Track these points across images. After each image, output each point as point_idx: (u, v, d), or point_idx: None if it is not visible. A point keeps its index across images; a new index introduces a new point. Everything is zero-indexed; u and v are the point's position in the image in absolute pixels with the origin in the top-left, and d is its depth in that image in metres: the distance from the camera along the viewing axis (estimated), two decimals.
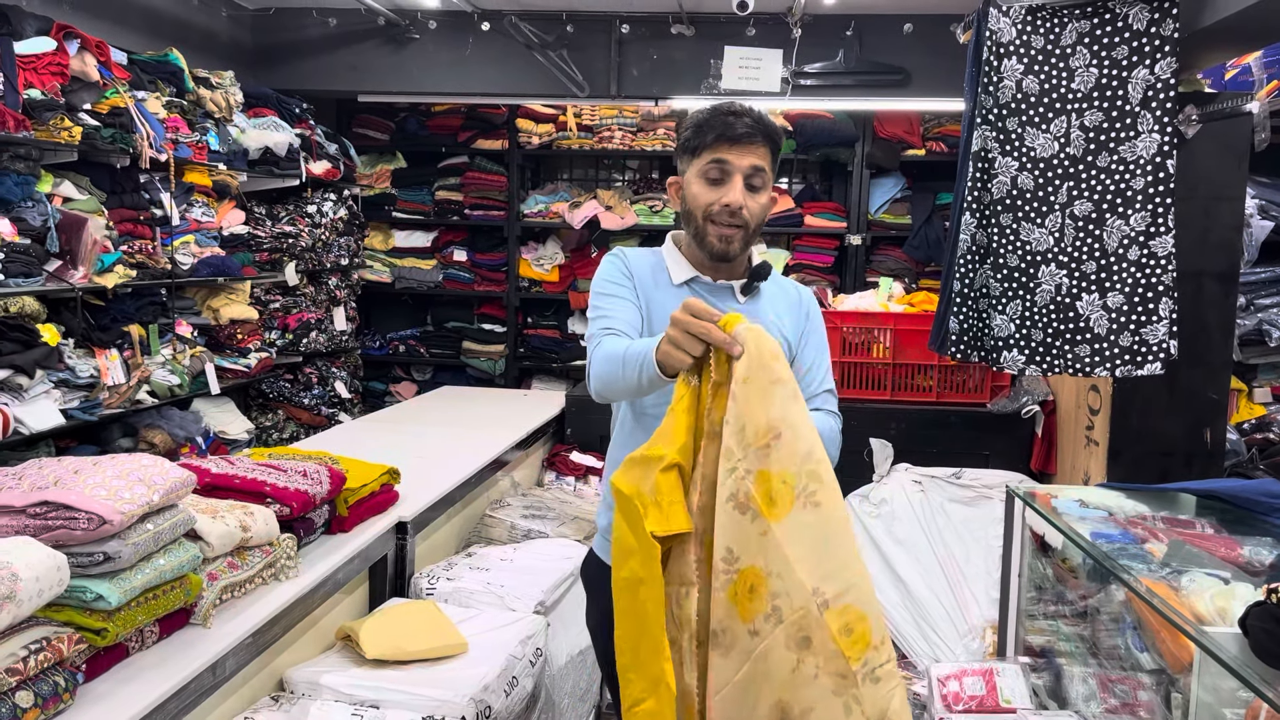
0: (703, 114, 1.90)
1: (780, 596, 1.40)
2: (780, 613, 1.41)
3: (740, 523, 1.41)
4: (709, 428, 1.46)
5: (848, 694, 1.42)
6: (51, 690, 1.51)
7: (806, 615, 1.41)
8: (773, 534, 1.40)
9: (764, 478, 1.41)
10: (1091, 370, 3.08)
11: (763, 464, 1.41)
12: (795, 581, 1.40)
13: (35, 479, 1.70)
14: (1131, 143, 3.00)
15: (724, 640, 1.42)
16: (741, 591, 1.41)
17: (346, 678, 2.10)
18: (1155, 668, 2.10)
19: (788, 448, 1.42)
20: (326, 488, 2.36)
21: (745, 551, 1.41)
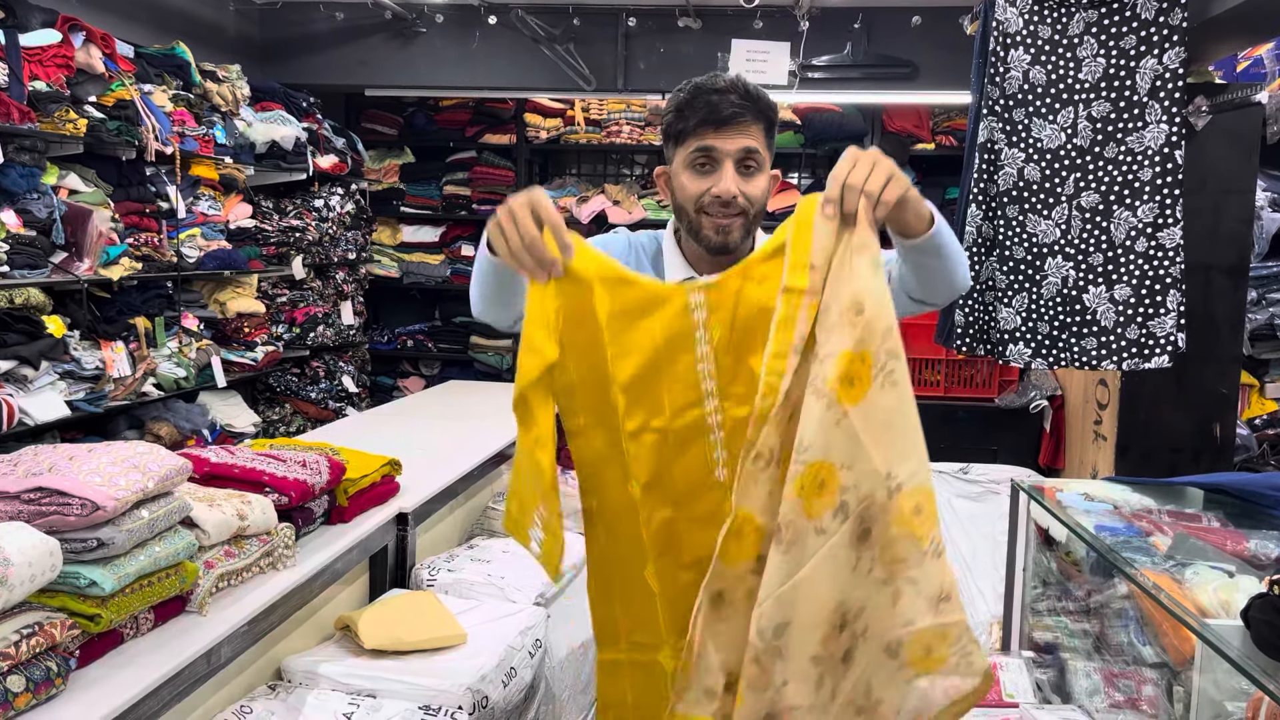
0: (684, 94, 1.68)
1: (849, 491, 1.31)
2: (847, 508, 1.32)
3: (815, 410, 1.30)
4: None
5: (901, 578, 1.36)
6: (44, 675, 1.51)
7: (871, 505, 1.32)
8: (849, 420, 1.30)
9: (844, 359, 1.29)
10: (1098, 363, 3.06)
11: (844, 344, 1.29)
12: (868, 469, 1.31)
13: (30, 465, 1.70)
14: (1139, 133, 2.97)
15: (786, 536, 1.31)
16: (809, 486, 1.31)
17: (344, 667, 2.10)
18: (1158, 661, 2.08)
19: (870, 323, 1.30)
20: (326, 478, 2.35)
21: (817, 441, 1.30)
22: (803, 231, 1.36)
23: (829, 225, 1.34)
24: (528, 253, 1.37)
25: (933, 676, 1.40)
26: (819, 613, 1.34)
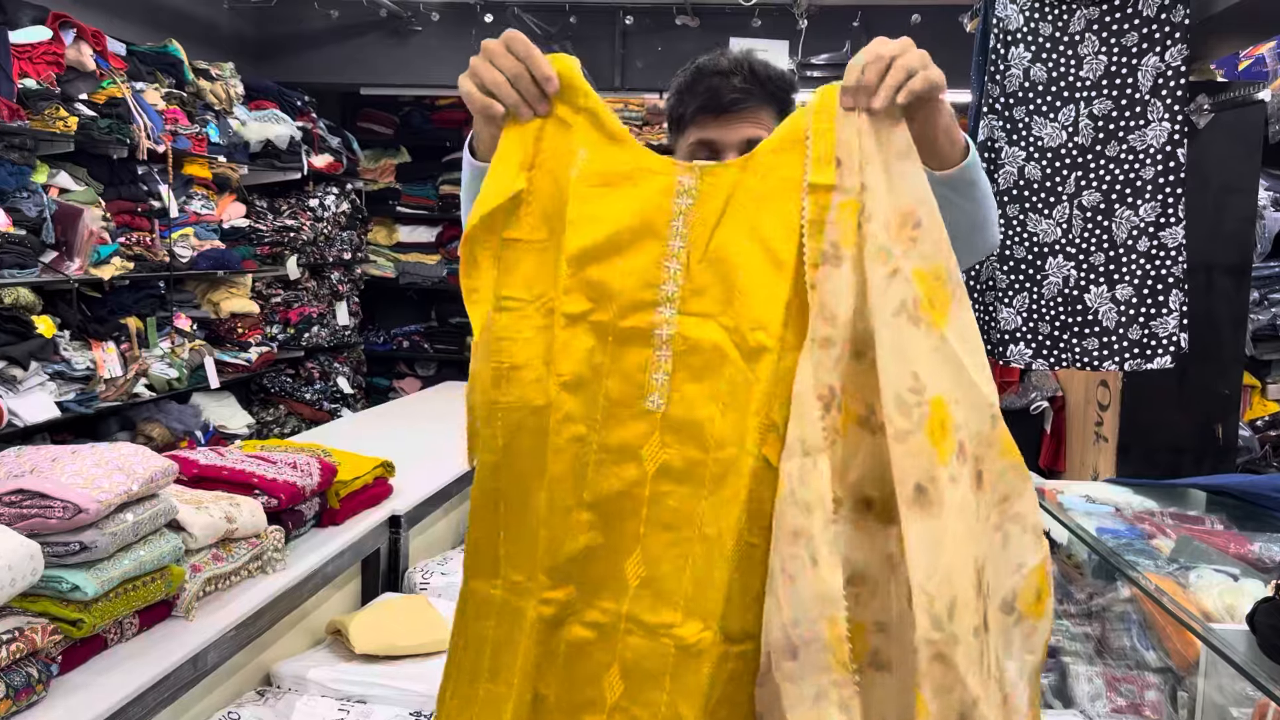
0: (686, 75, 1.52)
1: (962, 428, 1.11)
2: (964, 448, 1.12)
3: (915, 338, 1.11)
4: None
5: (1007, 518, 1.17)
6: (24, 681, 1.48)
7: (980, 438, 1.13)
8: (948, 344, 1.11)
9: (921, 277, 1.12)
10: (1100, 364, 3.02)
11: (915, 261, 1.12)
12: (975, 399, 1.13)
13: (12, 467, 1.67)
14: (1141, 131, 2.94)
15: (932, 495, 1.10)
16: (936, 429, 1.10)
17: (334, 672, 2.07)
18: (1162, 666, 2.05)
19: (932, 235, 1.13)
20: (317, 480, 2.32)
21: (929, 375, 1.11)
22: (824, 121, 1.16)
23: (853, 120, 1.15)
24: (512, 87, 1.17)
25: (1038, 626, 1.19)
26: (968, 576, 1.12)
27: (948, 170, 1.25)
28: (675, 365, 1.20)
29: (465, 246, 1.19)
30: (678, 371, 1.20)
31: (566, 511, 1.20)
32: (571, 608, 1.23)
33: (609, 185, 1.20)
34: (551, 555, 1.21)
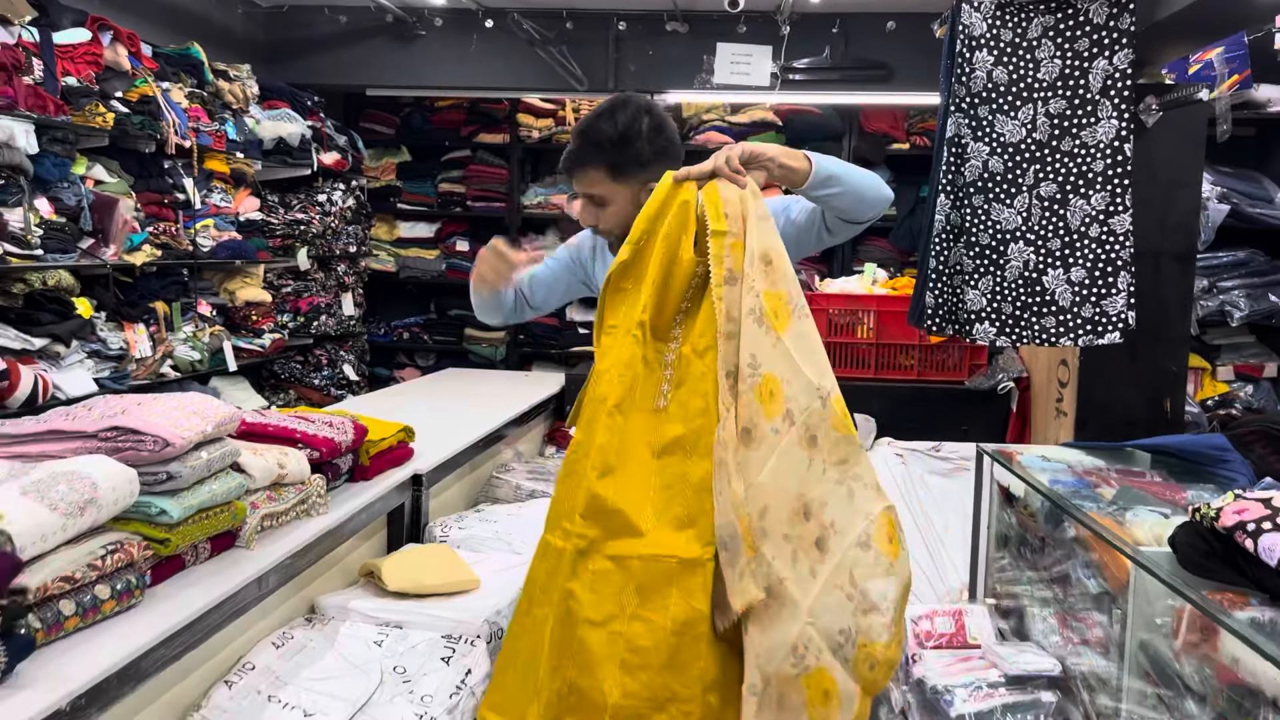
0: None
1: (792, 400, 1.65)
2: (792, 415, 1.65)
3: (758, 334, 1.66)
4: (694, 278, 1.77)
5: (846, 475, 1.69)
6: (125, 587, 1.73)
7: (810, 413, 1.66)
8: (783, 343, 1.66)
9: (767, 297, 1.67)
10: (1056, 340, 3.31)
11: (765, 285, 1.68)
12: (804, 382, 1.66)
13: (104, 409, 1.92)
14: (1092, 128, 3.23)
15: (755, 435, 1.64)
16: (764, 393, 1.64)
17: (372, 604, 2.33)
18: (1101, 591, 2.32)
19: (779, 271, 1.71)
20: (351, 437, 2.57)
21: (764, 359, 1.65)
22: (711, 193, 1.75)
23: (731, 189, 1.74)
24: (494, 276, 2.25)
25: (896, 570, 1.71)
26: (783, 499, 1.64)
27: (803, 185, 1.85)
28: (676, 371, 1.76)
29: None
30: (674, 378, 1.76)
31: (601, 471, 1.69)
32: (596, 545, 1.69)
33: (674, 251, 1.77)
34: (585, 503, 1.69)
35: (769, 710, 1.60)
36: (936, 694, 2.53)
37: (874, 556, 1.69)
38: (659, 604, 1.66)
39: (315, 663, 2.08)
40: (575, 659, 1.66)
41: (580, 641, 1.65)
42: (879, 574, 1.69)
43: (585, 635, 1.65)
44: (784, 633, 1.61)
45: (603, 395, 1.74)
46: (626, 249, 1.78)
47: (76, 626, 1.63)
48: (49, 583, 1.58)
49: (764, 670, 1.60)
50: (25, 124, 3.10)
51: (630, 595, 1.67)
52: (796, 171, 1.83)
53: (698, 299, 1.76)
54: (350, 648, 2.16)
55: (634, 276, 1.77)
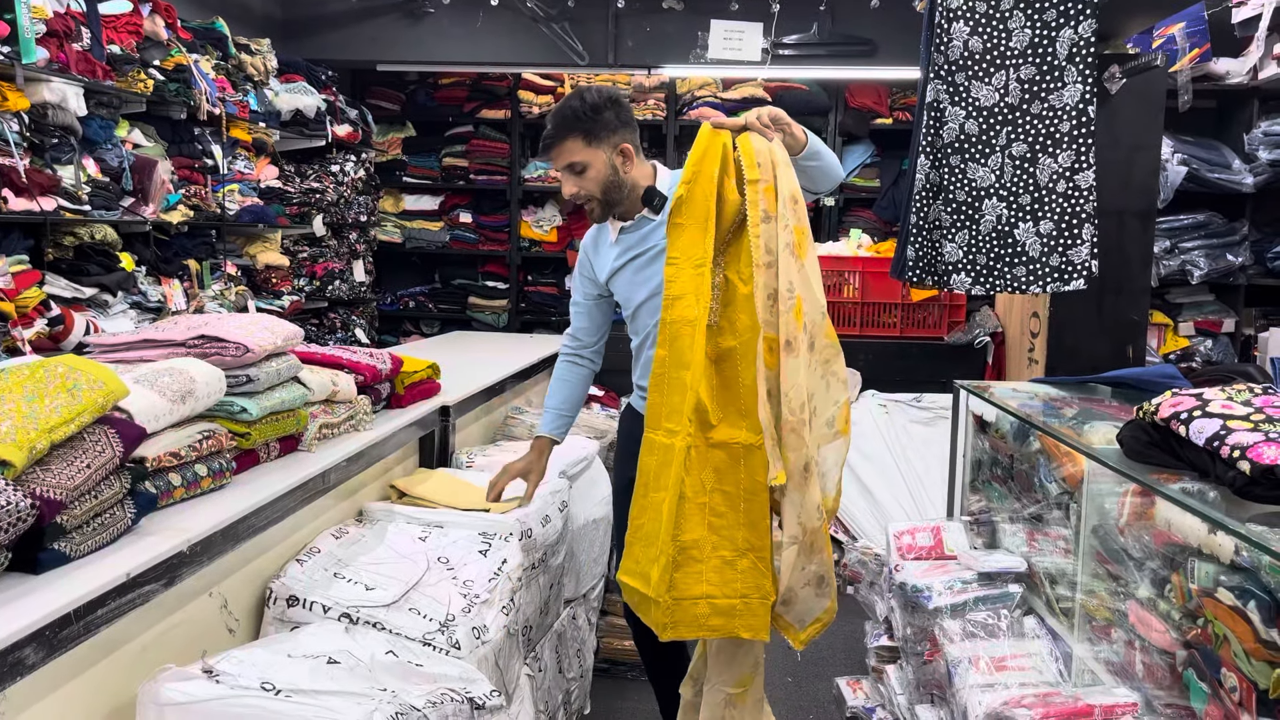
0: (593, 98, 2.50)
1: (807, 314, 2.07)
2: (808, 327, 2.07)
3: (791, 263, 2.06)
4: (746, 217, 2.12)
5: (828, 372, 2.14)
6: (218, 468, 2.00)
7: (815, 324, 2.10)
8: (804, 269, 2.08)
9: (796, 231, 2.08)
10: (1027, 288, 3.61)
11: (795, 221, 2.08)
12: (814, 300, 2.09)
13: (189, 323, 2.18)
14: (1059, 92, 3.52)
15: (793, 347, 2.05)
16: (796, 312, 2.06)
17: (414, 509, 2.60)
18: (1060, 492, 2.62)
19: (802, 207, 2.12)
20: (390, 366, 2.85)
21: (797, 284, 2.06)
22: (745, 145, 2.12)
23: (760, 141, 2.11)
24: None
25: (841, 440, 2.19)
26: (803, 393, 2.08)
27: (799, 154, 2.22)
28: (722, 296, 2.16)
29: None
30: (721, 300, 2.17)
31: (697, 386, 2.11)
32: (692, 439, 2.10)
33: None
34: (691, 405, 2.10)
35: (805, 553, 2.10)
36: (916, 591, 2.83)
37: (832, 433, 2.17)
38: (732, 479, 2.12)
39: (370, 552, 2.36)
40: (681, 527, 2.08)
41: (684, 514, 2.08)
42: (833, 447, 2.18)
43: (686, 508, 2.08)
44: (814, 494, 2.08)
45: (692, 318, 2.11)
46: (681, 187, 2.13)
47: (182, 496, 1.90)
48: (161, 456, 1.85)
49: (804, 524, 2.09)
50: (76, 87, 3.35)
51: (709, 474, 2.12)
52: (797, 141, 2.21)
53: (738, 232, 2.13)
54: (398, 542, 2.43)
55: (688, 214, 2.13)
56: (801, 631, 2.23)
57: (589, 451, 3.45)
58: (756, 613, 2.13)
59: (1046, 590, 2.70)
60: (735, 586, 2.11)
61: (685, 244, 2.15)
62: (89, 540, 1.61)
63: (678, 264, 2.16)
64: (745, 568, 2.12)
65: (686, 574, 2.10)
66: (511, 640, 2.37)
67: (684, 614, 2.11)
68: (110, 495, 1.66)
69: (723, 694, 2.34)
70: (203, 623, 1.90)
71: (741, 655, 2.32)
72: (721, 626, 2.13)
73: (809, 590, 2.16)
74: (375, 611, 2.09)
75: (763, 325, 2.07)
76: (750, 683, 2.34)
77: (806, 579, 2.14)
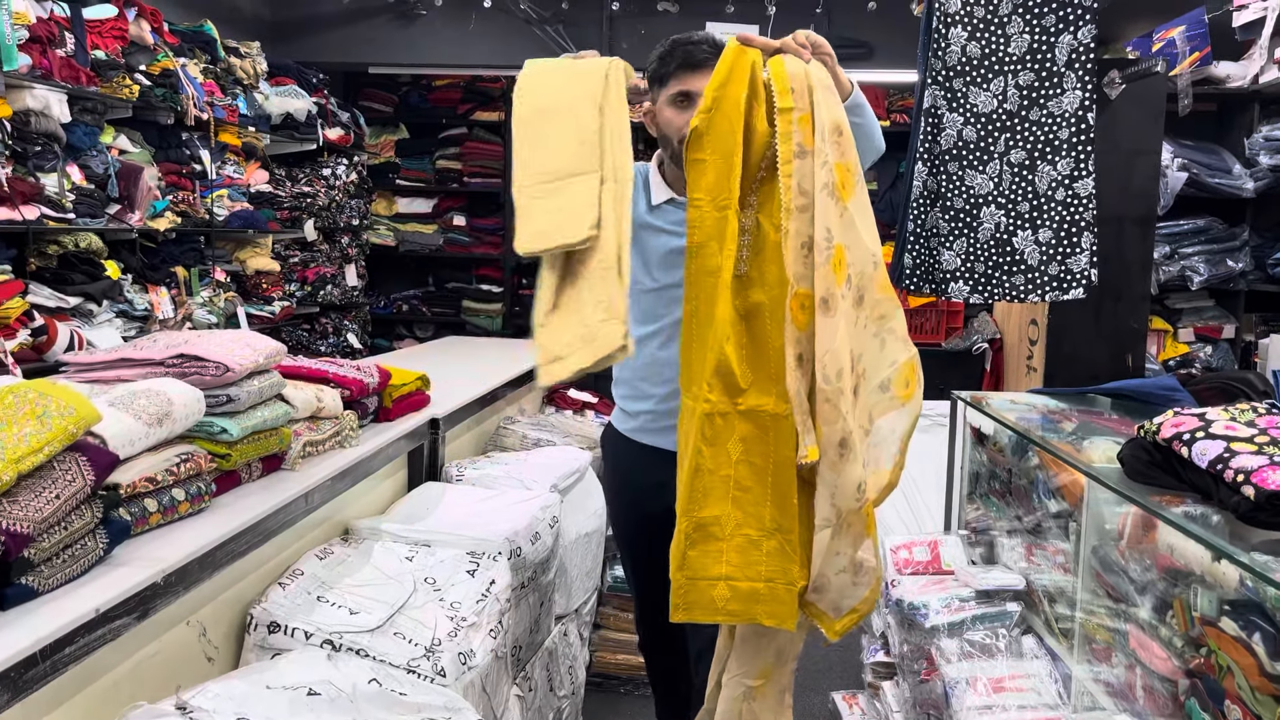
0: (664, 46, 2.18)
1: (852, 266, 1.80)
2: (850, 280, 1.80)
3: (829, 206, 1.78)
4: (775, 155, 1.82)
5: (883, 329, 1.88)
6: (196, 491, 1.95)
7: (863, 275, 1.82)
8: (849, 212, 1.80)
9: (838, 168, 1.79)
10: (1025, 296, 3.56)
11: (836, 157, 1.79)
12: (861, 250, 1.81)
13: (168, 340, 2.13)
14: (1058, 99, 3.48)
15: (830, 305, 1.78)
16: (835, 263, 1.79)
17: (401, 526, 2.55)
18: (1059, 510, 2.58)
19: (848, 140, 1.82)
20: (377, 380, 2.79)
21: (836, 231, 1.78)
22: (776, 67, 1.82)
23: (795, 61, 1.82)
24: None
25: (907, 407, 1.94)
26: (845, 358, 1.79)
27: (844, 101, 1.93)
28: (752, 242, 1.88)
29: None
30: (751, 246, 1.89)
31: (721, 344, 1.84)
32: (713, 405, 1.87)
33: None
34: (711, 370, 1.85)
35: (839, 538, 1.87)
36: (913, 609, 2.78)
37: (889, 399, 1.91)
38: (759, 450, 1.88)
39: (354, 573, 2.30)
40: (699, 502, 1.89)
41: (702, 487, 1.88)
42: (887, 409, 1.92)
43: (705, 481, 1.88)
44: (852, 475, 1.82)
45: (715, 267, 1.83)
46: (698, 117, 1.83)
47: (158, 522, 1.85)
48: (136, 481, 1.80)
49: (838, 507, 1.84)
50: (60, 94, 3.29)
51: (735, 444, 1.89)
52: (841, 85, 1.92)
53: (772, 169, 1.84)
54: (384, 562, 2.38)
55: (710, 147, 1.82)
56: (837, 621, 2.01)
57: (581, 463, 3.40)
58: (782, 599, 1.92)
59: (1045, 609, 2.66)
60: (759, 569, 1.91)
61: (709, 183, 1.83)
62: (58, 573, 1.55)
63: (700, 206, 1.85)
64: (772, 549, 1.90)
65: (704, 552, 1.91)
66: (500, 663, 2.33)
67: (699, 595, 1.92)
68: (81, 525, 1.61)
69: (743, 686, 2.15)
70: (180, 652, 1.85)
71: (765, 645, 2.11)
72: (741, 612, 1.93)
73: (844, 577, 1.95)
74: (359, 637, 2.04)
75: (794, 279, 1.79)
76: (771, 675, 2.14)
77: (841, 565, 1.93)
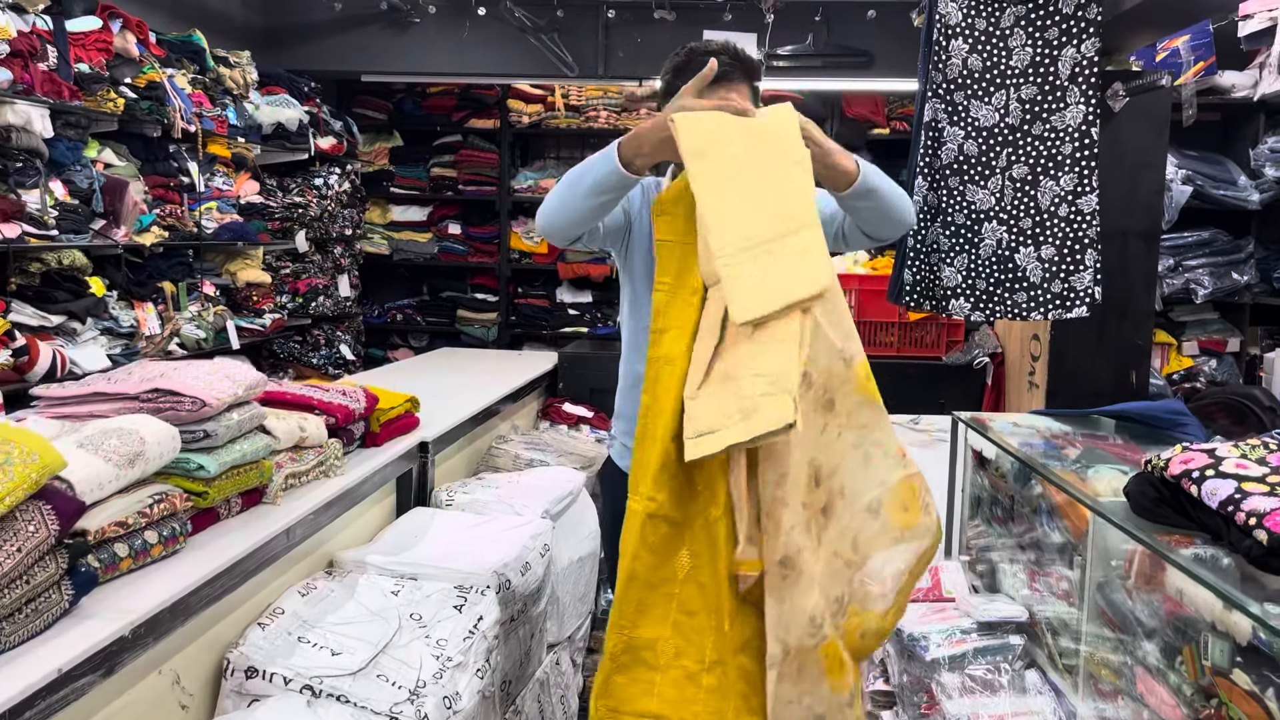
0: (682, 55, 2.03)
1: (811, 364, 1.54)
2: (810, 378, 1.55)
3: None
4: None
5: (867, 442, 1.64)
6: (170, 533, 1.88)
7: (833, 375, 1.59)
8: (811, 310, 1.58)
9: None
10: (1027, 314, 3.49)
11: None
12: (825, 344, 1.57)
13: (143, 373, 2.06)
14: (1061, 113, 3.41)
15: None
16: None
17: (387, 558, 2.48)
18: (1063, 541, 2.51)
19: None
20: (363, 405, 2.73)
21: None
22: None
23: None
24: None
25: (909, 538, 1.70)
26: (799, 466, 1.58)
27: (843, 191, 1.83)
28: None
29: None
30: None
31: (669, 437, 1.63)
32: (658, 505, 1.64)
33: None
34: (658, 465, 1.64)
35: (788, 681, 1.58)
36: (913, 640, 2.71)
37: (881, 525, 1.67)
38: (710, 569, 1.63)
39: (338, 610, 2.24)
40: (632, 620, 1.65)
41: (639, 601, 1.65)
42: (885, 543, 1.67)
43: (640, 594, 1.65)
44: (802, 603, 1.58)
45: (668, 355, 1.67)
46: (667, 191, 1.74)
47: (130, 568, 1.78)
48: (105, 526, 1.73)
49: (783, 641, 1.57)
50: (41, 109, 3.23)
51: (684, 557, 1.64)
52: (841, 175, 1.77)
53: None
54: (369, 597, 2.32)
55: (675, 229, 1.70)
56: None
57: (574, 485, 3.34)
58: None
59: (1049, 642, 2.59)
60: (694, 710, 1.62)
61: (678, 266, 1.70)
62: (20, 630, 1.49)
63: (665, 289, 1.71)
64: (710, 686, 1.63)
65: (634, 680, 1.65)
66: (487, 703, 2.26)
67: None
68: (45, 578, 1.54)
69: None
70: (151, 703, 1.79)
71: None
72: None
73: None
74: (340, 682, 1.97)
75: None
76: None
77: (798, 717, 1.62)
